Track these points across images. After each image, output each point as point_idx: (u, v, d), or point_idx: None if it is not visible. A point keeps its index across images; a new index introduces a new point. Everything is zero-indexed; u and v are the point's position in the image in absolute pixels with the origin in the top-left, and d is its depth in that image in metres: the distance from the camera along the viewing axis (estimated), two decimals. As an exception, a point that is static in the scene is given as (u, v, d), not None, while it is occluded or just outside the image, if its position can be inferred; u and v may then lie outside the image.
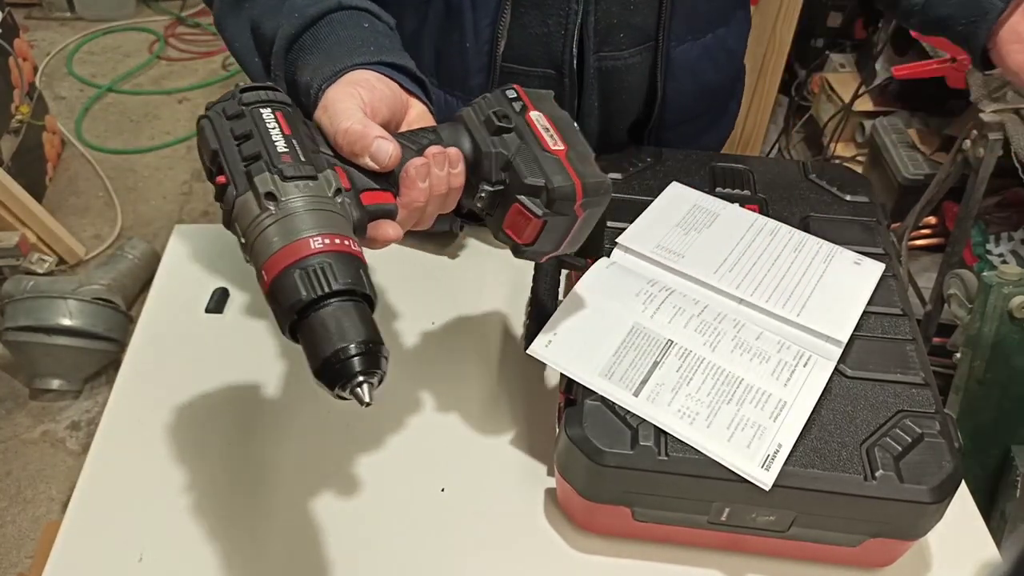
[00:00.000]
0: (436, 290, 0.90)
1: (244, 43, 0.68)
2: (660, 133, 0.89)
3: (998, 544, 0.71)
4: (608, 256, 0.76)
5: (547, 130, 0.59)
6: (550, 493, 0.72)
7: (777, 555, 0.68)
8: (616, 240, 0.76)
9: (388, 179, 0.55)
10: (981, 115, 1.37)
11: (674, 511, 0.64)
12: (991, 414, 1.28)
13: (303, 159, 0.51)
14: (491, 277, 0.91)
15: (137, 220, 2.33)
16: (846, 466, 0.61)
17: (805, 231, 0.79)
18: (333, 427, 0.78)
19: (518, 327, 0.86)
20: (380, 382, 0.47)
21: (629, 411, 0.63)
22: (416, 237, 0.96)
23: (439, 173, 0.56)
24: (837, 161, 1.98)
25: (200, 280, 0.91)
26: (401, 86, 0.60)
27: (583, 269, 0.74)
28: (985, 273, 1.26)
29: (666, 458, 0.61)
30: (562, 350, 0.67)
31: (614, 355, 0.66)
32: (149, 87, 2.81)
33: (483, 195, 0.58)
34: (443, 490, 0.73)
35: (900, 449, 0.62)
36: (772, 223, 0.79)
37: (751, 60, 1.94)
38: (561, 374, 0.67)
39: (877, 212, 0.82)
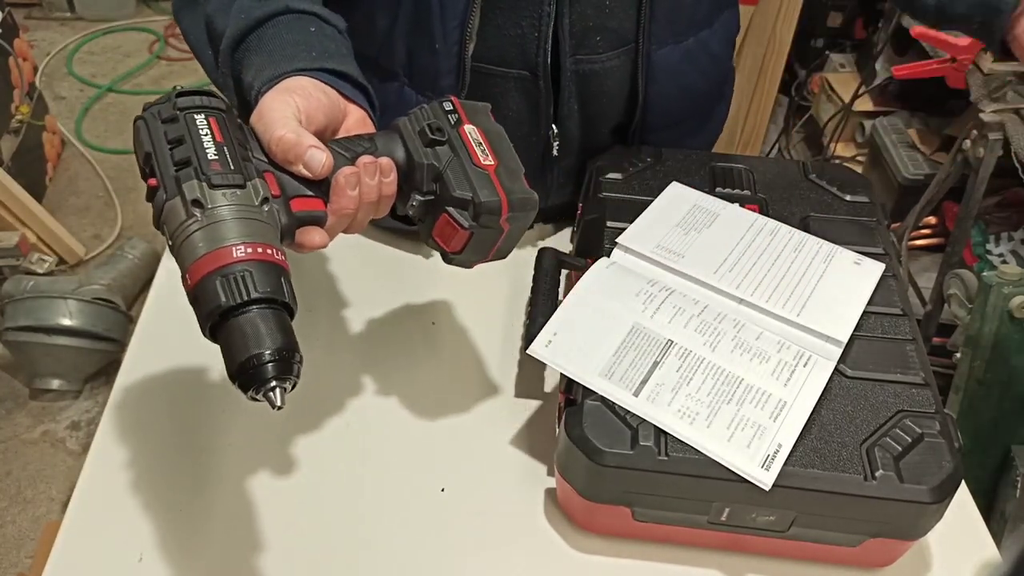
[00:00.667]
0: (436, 290, 0.90)
1: (198, 37, 0.69)
2: (643, 136, 0.88)
3: (998, 544, 0.71)
4: (608, 256, 0.76)
5: (479, 144, 0.61)
6: (550, 493, 0.72)
7: (777, 555, 0.68)
8: (616, 240, 0.77)
9: (320, 186, 0.56)
10: (981, 115, 1.37)
11: (674, 511, 0.64)
12: (991, 414, 1.28)
13: (232, 167, 0.52)
14: (491, 277, 0.91)
15: (137, 220, 2.33)
16: (846, 466, 0.61)
17: (805, 231, 0.79)
18: (333, 427, 0.78)
19: (518, 327, 0.86)
20: (293, 387, 0.50)
21: (629, 411, 0.63)
22: (416, 239, 0.96)
23: (369, 182, 0.57)
24: (837, 161, 1.98)
25: (200, 280, 0.91)
26: (340, 93, 0.61)
27: (583, 269, 0.74)
28: (985, 273, 1.26)
29: (666, 458, 0.61)
30: (562, 350, 0.67)
31: (614, 355, 0.67)
32: (149, 87, 2.81)
33: (414, 204, 0.60)
34: (443, 490, 0.73)
35: (900, 449, 0.62)
36: (772, 223, 0.79)
37: (751, 60, 1.94)
38: (561, 374, 0.67)
39: (877, 212, 0.82)
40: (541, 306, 0.77)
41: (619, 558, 0.68)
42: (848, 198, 0.83)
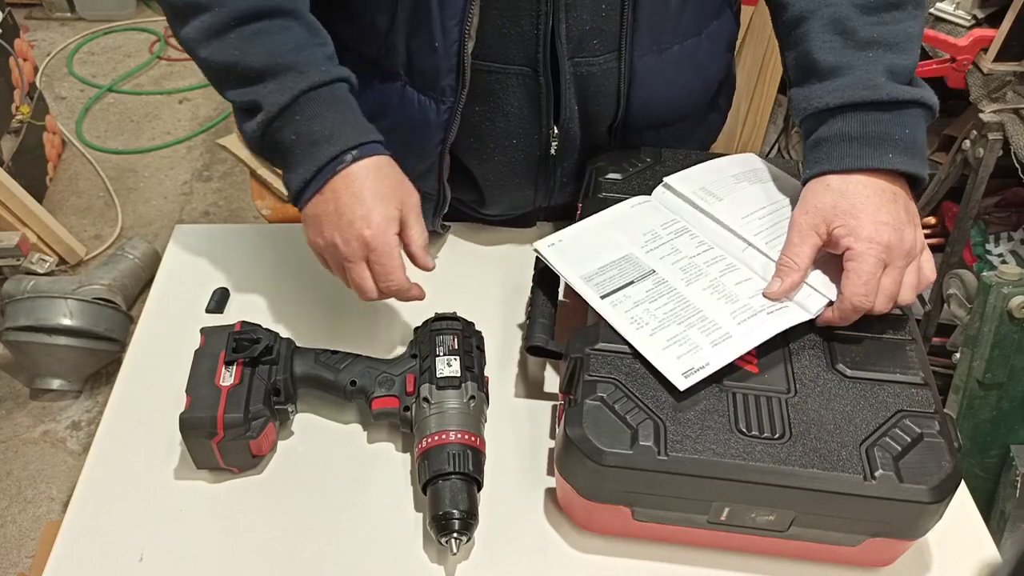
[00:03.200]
0: (436, 290, 0.90)
1: (219, 63, 0.72)
2: (626, 136, 0.88)
3: (998, 544, 0.71)
4: (650, 195, 0.83)
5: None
6: (550, 493, 0.72)
7: (777, 555, 0.68)
8: (664, 179, 0.81)
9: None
10: (981, 115, 1.37)
11: (674, 511, 0.64)
12: (990, 414, 1.28)
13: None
14: (491, 277, 0.92)
15: (137, 220, 2.33)
16: (846, 466, 0.61)
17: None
18: (333, 427, 0.78)
19: (518, 327, 0.86)
20: (467, 541, 0.67)
21: (630, 410, 0.63)
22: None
23: None
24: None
25: (201, 280, 0.91)
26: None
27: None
28: (985, 273, 1.26)
29: (665, 458, 0.61)
30: (559, 254, 0.77)
31: (599, 269, 0.75)
32: (150, 87, 2.82)
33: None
34: (443, 490, 0.73)
35: (900, 449, 0.62)
36: None
37: (751, 60, 1.95)
38: (561, 374, 0.67)
39: (877, 212, 0.82)
40: (541, 306, 0.77)
41: (619, 558, 0.68)
42: (848, 198, 0.83)
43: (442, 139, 0.83)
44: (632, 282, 0.73)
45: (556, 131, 0.84)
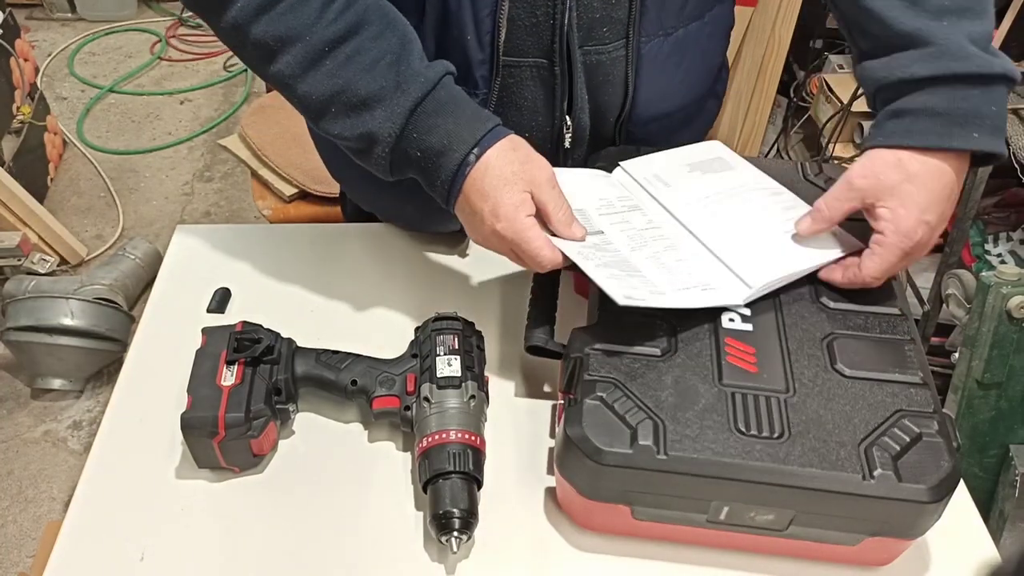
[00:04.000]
0: (436, 290, 0.90)
1: (322, 94, 0.72)
2: (630, 128, 0.89)
3: (997, 544, 0.71)
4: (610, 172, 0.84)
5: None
6: (550, 492, 0.72)
7: (776, 554, 0.68)
8: (619, 162, 0.83)
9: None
10: (980, 116, 1.37)
11: (673, 510, 0.65)
12: (989, 414, 1.28)
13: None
14: (491, 277, 0.92)
15: (139, 220, 2.33)
16: (845, 465, 0.61)
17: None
18: (333, 427, 0.78)
19: (518, 327, 0.86)
20: (468, 539, 0.67)
21: (629, 410, 0.64)
22: (424, 239, 0.96)
23: None
24: (836, 162, 1.98)
25: (202, 280, 0.91)
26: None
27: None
28: (983, 273, 1.26)
29: (665, 457, 0.61)
30: None
31: None
32: (150, 88, 2.82)
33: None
34: (443, 489, 0.73)
35: (898, 449, 0.62)
36: (782, 189, 0.82)
37: (750, 61, 1.95)
38: (561, 374, 0.67)
39: (876, 212, 0.82)
40: (541, 306, 0.77)
41: (619, 557, 0.69)
42: (847, 198, 0.83)
43: None
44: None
45: (569, 122, 0.85)
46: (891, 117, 0.72)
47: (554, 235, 0.72)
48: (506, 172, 0.71)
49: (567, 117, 0.85)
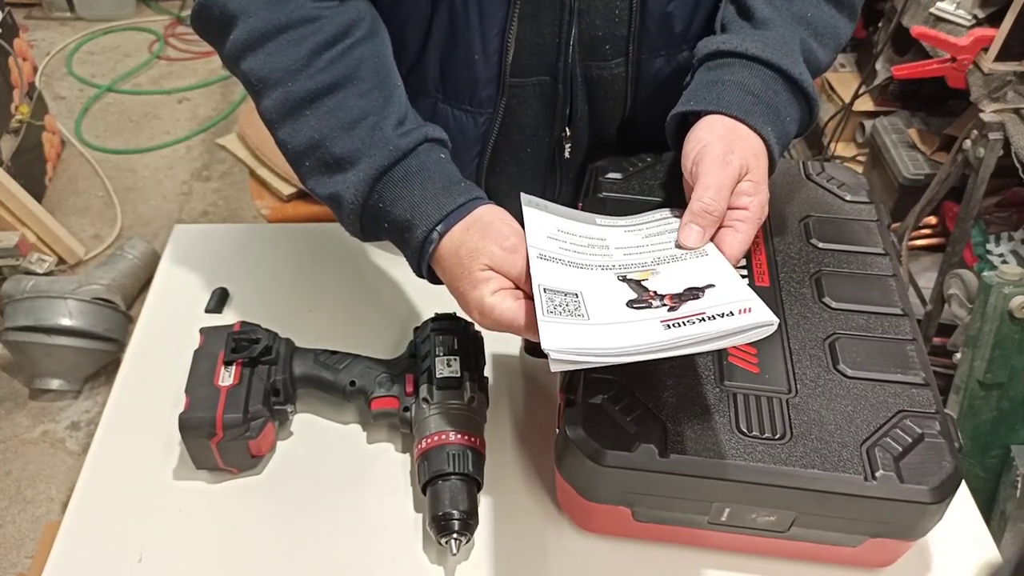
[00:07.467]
0: (436, 290, 0.90)
1: (297, 144, 0.69)
2: (632, 136, 0.88)
3: (998, 544, 0.71)
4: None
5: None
6: (550, 493, 0.72)
7: (777, 555, 0.68)
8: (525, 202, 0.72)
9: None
10: (981, 115, 1.37)
11: (674, 511, 0.64)
12: (991, 414, 1.28)
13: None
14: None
15: (137, 220, 2.33)
16: (846, 466, 0.61)
17: (805, 231, 0.79)
18: (333, 427, 0.78)
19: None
20: (467, 541, 0.67)
21: (630, 411, 0.63)
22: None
23: None
24: (837, 161, 1.98)
25: (200, 280, 0.91)
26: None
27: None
28: (985, 273, 1.26)
29: (666, 459, 0.61)
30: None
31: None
32: (149, 87, 2.81)
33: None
34: (443, 490, 0.73)
35: (900, 449, 0.62)
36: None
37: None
38: (561, 375, 0.67)
39: (877, 212, 0.82)
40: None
41: (619, 558, 0.68)
42: (848, 198, 0.83)
43: (479, 151, 0.83)
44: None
45: (568, 133, 0.85)
46: (709, 86, 0.71)
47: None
48: (463, 256, 0.64)
49: (567, 129, 0.84)
